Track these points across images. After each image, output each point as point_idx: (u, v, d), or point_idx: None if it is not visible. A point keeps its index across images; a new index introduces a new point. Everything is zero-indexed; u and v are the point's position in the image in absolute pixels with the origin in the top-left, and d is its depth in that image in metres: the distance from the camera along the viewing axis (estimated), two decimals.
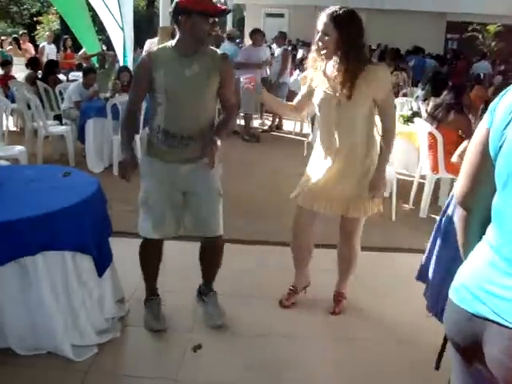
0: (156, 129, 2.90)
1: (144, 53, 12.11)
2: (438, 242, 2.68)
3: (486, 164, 1.41)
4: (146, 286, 3.26)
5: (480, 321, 1.34)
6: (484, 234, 1.44)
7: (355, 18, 2.89)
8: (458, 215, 1.61)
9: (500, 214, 1.37)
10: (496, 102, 1.41)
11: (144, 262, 3.17)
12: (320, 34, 2.86)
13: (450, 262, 2.27)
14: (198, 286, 3.40)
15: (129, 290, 3.44)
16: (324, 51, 2.88)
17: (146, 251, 3.13)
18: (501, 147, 1.35)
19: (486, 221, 1.44)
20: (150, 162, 2.97)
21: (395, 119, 3.11)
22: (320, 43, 2.88)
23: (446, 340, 1.59)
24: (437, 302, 2.55)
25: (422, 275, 2.87)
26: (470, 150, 1.49)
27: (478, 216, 1.48)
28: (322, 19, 2.86)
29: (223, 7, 2.86)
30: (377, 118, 3.02)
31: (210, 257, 3.21)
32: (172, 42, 2.88)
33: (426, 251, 2.83)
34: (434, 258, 2.69)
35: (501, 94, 1.41)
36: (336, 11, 2.83)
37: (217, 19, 2.70)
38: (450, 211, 2.57)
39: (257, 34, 8.82)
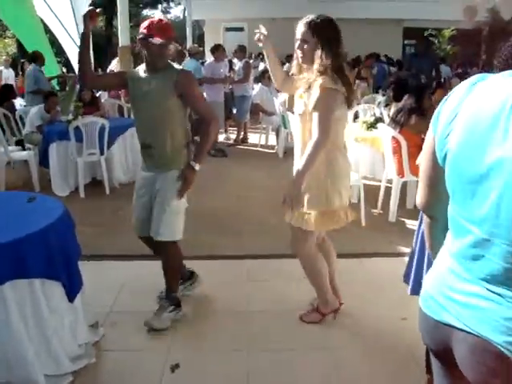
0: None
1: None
2: (419, 246, 2.71)
3: (437, 171, 1.41)
4: None
5: (446, 328, 1.35)
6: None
7: (333, 25, 2.90)
8: (424, 222, 1.63)
9: (453, 221, 1.38)
10: (438, 110, 1.40)
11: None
12: (299, 41, 2.90)
13: None
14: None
15: (102, 313, 3.39)
16: (301, 57, 2.92)
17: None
18: (445, 156, 1.35)
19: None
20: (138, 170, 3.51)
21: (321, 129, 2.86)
22: (299, 51, 2.91)
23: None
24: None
25: (407, 278, 2.90)
26: (422, 157, 1.50)
27: (442, 222, 1.48)
28: (300, 28, 2.89)
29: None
30: None
31: (160, 257, 3.38)
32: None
33: (410, 255, 2.86)
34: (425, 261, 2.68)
35: (442, 101, 1.40)
36: (313, 19, 2.87)
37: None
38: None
39: (218, 49, 8.87)
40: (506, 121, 1.19)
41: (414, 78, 8.22)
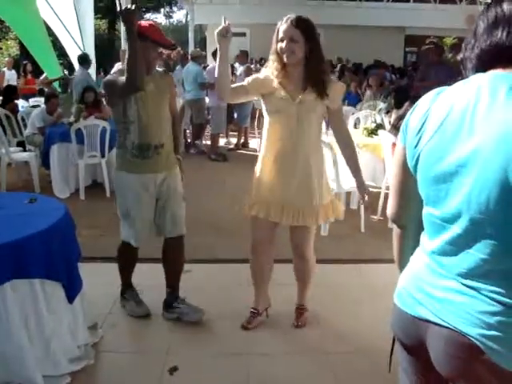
0: (130, 146, 3.18)
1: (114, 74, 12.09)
2: None
3: (408, 180, 1.45)
4: (123, 282, 3.56)
5: (422, 323, 1.38)
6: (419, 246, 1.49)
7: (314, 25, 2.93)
8: (394, 232, 1.64)
9: (428, 222, 1.41)
10: (406, 121, 1.44)
11: (123, 263, 3.51)
12: (286, 41, 2.84)
13: None
14: (164, 300, 3.50)
15: (101, 315, 3.40)
16: (292, 56, 2.86)
17: (126, 255, 3.45)
18: (416, 163, 1.39)
19: (420, 234, 1.48)
20: (126, 177, 3.22)
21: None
22: (288, 50, 2.85)
23: (394, 342, 1.62)
24: None
25: None
26: (394, 167, 1.53)
27: (412, 232, 1.52)
28: (285, 27, 2.85)
29: (173, 42, 3.33)
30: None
31: (175, 256, 3.44)
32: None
33: None
34: None
35: (409, 111, 1.45)
36: (300, 18, 2.85)
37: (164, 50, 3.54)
38: None
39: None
40: (470, 118, 1.24)
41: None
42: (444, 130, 1.30)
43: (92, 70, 10.54)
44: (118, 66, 11.73)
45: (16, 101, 8.66)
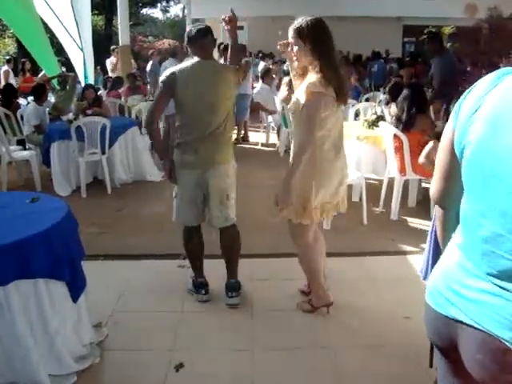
0: None
1: (109, 68, 12.03)
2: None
3: (454, 164, 1.40)
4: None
5: (454, 323, 1.35)
6: None
7: (318, 26, 2.92)
8: (436, 214, 1.63)
9: (465, 216, 1.37)
10: (459, 103, 1.38)
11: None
12: (291, 45, 2.98)
13: None
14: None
15: (105, 313, 3.40)
16: (296, 59, 3.00)
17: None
18: (463, 150, 1.34)
19: None
20: None
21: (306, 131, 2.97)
22: (293, 53, 2.99)
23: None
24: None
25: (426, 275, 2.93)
26: (440, 149, 1.49)
27: (454, 213, 1.47)
28: (289, 33, 2.97)
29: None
30: None
31: None
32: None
33: (425, 252, 2.88)
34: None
35: (463, 94, 1.39)
36: (298, 24, 2.92)
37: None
38: None
39: (217, 48, 8.88)
40: None
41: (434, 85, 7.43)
42: (499, 121, 1.24)
43: (90, 67, 10.51)
44: (110, 61, 11.60)
45: (16, 99, 8.64)
